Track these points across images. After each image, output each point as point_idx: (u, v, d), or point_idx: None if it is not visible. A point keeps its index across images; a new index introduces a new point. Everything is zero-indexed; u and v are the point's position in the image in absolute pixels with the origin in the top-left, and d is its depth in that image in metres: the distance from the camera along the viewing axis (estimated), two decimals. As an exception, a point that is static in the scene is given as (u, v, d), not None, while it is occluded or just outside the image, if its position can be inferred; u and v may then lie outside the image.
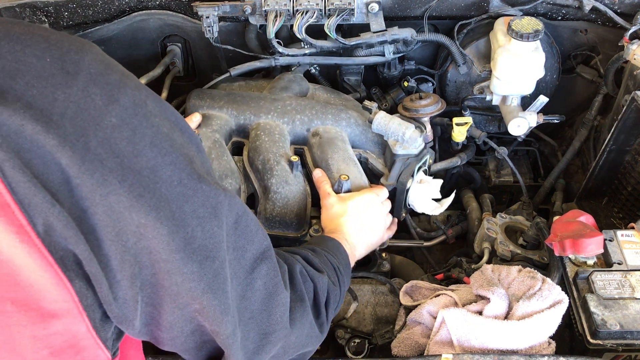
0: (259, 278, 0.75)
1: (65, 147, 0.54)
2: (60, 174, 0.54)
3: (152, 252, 0.60)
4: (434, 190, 1.29)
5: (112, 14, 1.48)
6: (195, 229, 0.63)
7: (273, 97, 1.39)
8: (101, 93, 0.58)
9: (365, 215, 1.15)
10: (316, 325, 0.88)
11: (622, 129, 1.22)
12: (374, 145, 1.35)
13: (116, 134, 0.58)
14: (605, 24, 1.43)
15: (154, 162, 0.60)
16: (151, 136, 0.61)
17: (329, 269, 0.95)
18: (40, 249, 0.54)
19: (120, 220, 0.58)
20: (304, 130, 1.33)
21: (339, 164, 1.24)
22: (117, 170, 0.57)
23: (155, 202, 0.60)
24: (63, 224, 0.54)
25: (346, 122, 1.34)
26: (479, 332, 0.98)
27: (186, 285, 0.63)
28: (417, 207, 1.30)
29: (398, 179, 1.26)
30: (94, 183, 0.56)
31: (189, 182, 0.63)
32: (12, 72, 0.54)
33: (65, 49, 0.58)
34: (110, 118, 0.58)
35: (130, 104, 0.60)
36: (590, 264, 1.07)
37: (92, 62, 0.59)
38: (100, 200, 0.56)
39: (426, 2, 1.45)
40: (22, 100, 0.53)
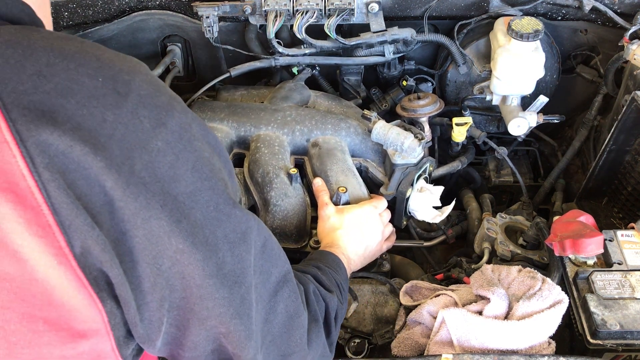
0: (281, 301, 0.76)
1: (112, 170, 0.55)
2: (104, 196, 0.55)
3: (185, 277, 0.61)
4: (434, 199, 1.29)
5: (112, 14, 1.48)
6: (226, 253, 0.64)
7: (273, 107, 1.39)
8: (149, 116, 0.58)
9: (362, 229, 1.16)
10: (327, 344, 0.89)
11: (622, 129, 1.22)
12: (374, 153, 1.35)
13: (160, 157, 0.58)
14: (605, 24, 1.43)
15: (193, 187, 0.61)
16: (194, 161, 0.61)
17: (335, 287, 0.96)
18: (76, 271, 0.55)
19: (159, 244, 0.58)
20: (304, 141, 1.33)
21: (338, 175, 1.24)
22: (159, 194, 0.58)
23: (192, 228, 0.60)
24: (101, 248, 0.55)
25: (346, 132, 1.34)
26: (479, 332, 0.98)
27: (216, 310, 0.64)
28: (418, 215, 1.30)
29: (397, 189, 1.26)
30: (137, 206, 0.56)
31: (225, 208, 0.64)
32: (65, 90, 0.54)
33: (117, 69, 0.58)
34: (157, 142, 0.58)
35: (176, 128, 0.60)
36: (590, 264, 1.07)
37: (142, 84, 0.59)
38: (142, 224, 0.57)
39: (426, 2, 1.45)
40: (72, 121, 0.54)
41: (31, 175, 0.52)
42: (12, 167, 0.51)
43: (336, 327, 0.92)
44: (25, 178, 0.52)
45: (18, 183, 0.52)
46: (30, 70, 0.54)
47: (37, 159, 0.52)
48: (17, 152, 0.51)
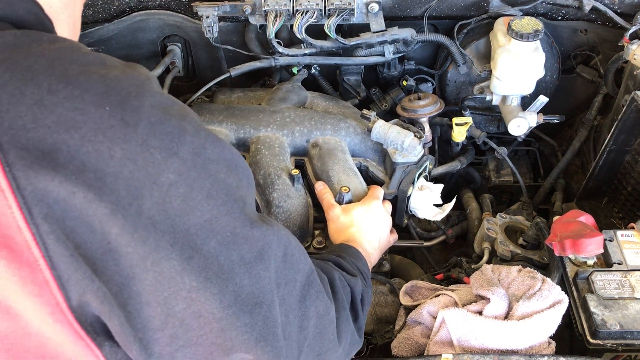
0: (311, 304, 0.73)
1: (117, 216, 0.51)
2: (107, 243, 0.51)
3: (202, 315, 0.58)
4: (435, 196, 1.29)
5: (112, 14, 1.48)
6: (243, 277, 0.61)
7: (272, 109, 1.39)
8: (160, 146, 0.54)
9: (373, 222, 1.15)
10: (355, 330, 0.87)
11: (622, 129, 1.22)
12: (374, 153, 1.35)
13: (172, 191, 0.54)
14: (605, 24, 1.43)
15: (209, 216, 0.57)
16: (208, 188, 0.57)
17: (358, 272, 0.94)
18: (72, 324, 0.52)
19: (171, 286, 0.55)
20: (304, 142, 1.33)
21: (340, 175, 1.25)
22: (169, 232, 0.54)
23: (204, 261, 0.57)
24: (99, 300, 0.52)
25: (345, 132, 1.34)
26: (479, 332, 0.98)
27: (240, 338, 0.61)
28: (419, 213, 1.30)
29: (399, 187, 1.26)
30: (146, 250, 0.53)
31: (242, 231, 0.61)
32: (68, 123, 0.50)
33: (124, 92, 0.53)
34: (168, 174, 0.54)
35: (189, 155, 0.56)
36: (590, 264, 1.07)
37: (152, 109, 0.55)
38: (152, 267, 0.54)
39: (426, 2, 1.45)
40: (75, 161, 0.49)
41: (28, 228, 0.48)
42: (8, 219, 0.48)
43: (363, 312, 0.90)
44: (22, 231, 0.48)
45: (13, 237, 0.48)
46: (30, 99, 0.49)
47: (35, 210, 0.48)
48: (14, 202, 0.47)
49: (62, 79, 0.51)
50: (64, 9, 0.65)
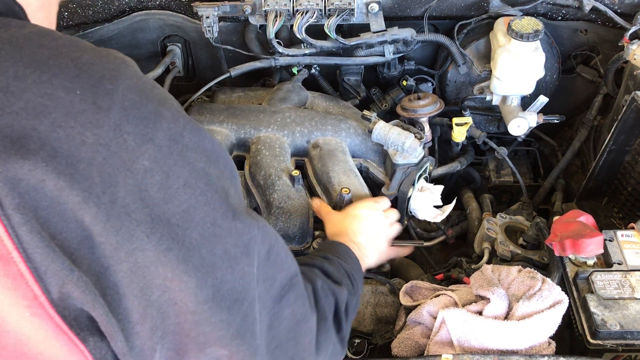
0: (287, 306, 0.71)
1: (90, 204, 0.49)
2: (82, 231, 0.50)
3: (177, 303, 0.56)
4: (435, 198, 1.29)
5: (112, 14, 1.48)
6: (225, 272, 0.59)
7: (272, 109, 1.39)
8: (134, 132, 0.52)
9: (368, 219, 1.15)
10: (338, 341, 0.85)
11: (622, 129, 1.22)
12: (375, 154, 1.35)
13: (147, 179, 0.52)
14: (605, 24, 1.43)
15: (186, 205, 0.55)
16: (186, 176, 0.55)
17: (344, 278, 0.92)
18: (54, 318, 0.50)
19: (145, 276, 0.53)
20: (304, 142, 1.33)
21: (340, 176, 1.25)
22: (145, 222, 0.52)
23: (185, 252, 0.55)
24: (81, 290, 0.50)
25: (346, 132, 1.34)
26: (479, 333, 0.98)
27: (214, 334, 0.59)
28: (419, 215, 1.30)
29: (399, 188, 1.26)
30: (119, 240, 0.51)
31: (223, 222, 0.59)
32: (37, 109, 0.48)
33: (97, 75, 0.52)
34: (143, 161, 0.52)
35: (165, 142, 0.54)
36: (590, 264, 1.07)
37: (127, 92, 0.53)
38: (126, 258, 0.52)
39: (426, 2, 1.45)
40: (46, 147, 0.48)
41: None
42: None
43: (347, 321, 0.88)
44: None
45: None
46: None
47: (6, 200, 0.46)
48: None
49: (30, 64, 0.49)
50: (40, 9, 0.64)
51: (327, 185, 1.25)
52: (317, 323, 0.79)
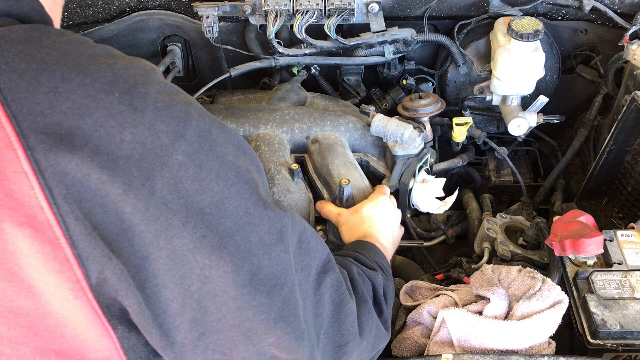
0: (326, 292, 0.74)
1: (130, 195, 0.53)
2: (121, 223, 0.53)
3: (217, 294, 0.59)
4: (437, 189, 1.29)
5: (112, 14, 1.48)
6: (262, 257, 0.62)
7: (271, 107, 1.40)
8: (167, 129, 0.56)
9: (383, 217, 1.15)
10: (381, 323, 0.87)
11: (622, 129, 1.22)
12: (374, 148, 1.35)
13: (182, 172, 0.56)
14: (605, 24, 1.43)
15: (220, 196, 0.59)
16: (217, 169, 0.59)
17: (377, 267, 0.94)
18: (91, 302, 0.53)
19: (184, 264, 0.57)
20: (304, 138, 1.34)
21: (340, 168, 1.25)
22: (181, 211, 0.56)
23: (219, 239, 0.58)
24: (117, 277, 0.53)
25: (345, 127, 1.34)
26: (479, 332, 0.98)
27: (257, 317, 0.62)
28: (421, 207, 1.30)
29: (400, 180, 1.26)
30: (158, 228, 0.55)
31: (255, 211, 0.62)
32: (82, 109, 0.52)
33: (132, 80, 0.56)
34: (177, 156, 0.56)
35: (195, 138, 0.58)
36: (590, 264, 1.07)
37: (158, 95, 0.57)
38: (165, 245, 0.55)
39: (426, 2, 1.45)
40: (90, 144, 0.52)
41: (50, 208, 0.50)
42: (31, 200, 0.50)
43: (387, 305, 0.90)
44: (44, 211, 0.50)
45: (37, 216, 0.50)
46: (46, 87, 0.52)
47: (56, 190, 0.50)
48: (36, 184, 0.50)
49: (74, 69, 0.54)
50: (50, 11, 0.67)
51: (327, 178, 1.25)
52: (358, 306, 0.80)
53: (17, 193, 0.50)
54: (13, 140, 0.49)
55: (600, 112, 1.51)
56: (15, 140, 0.49)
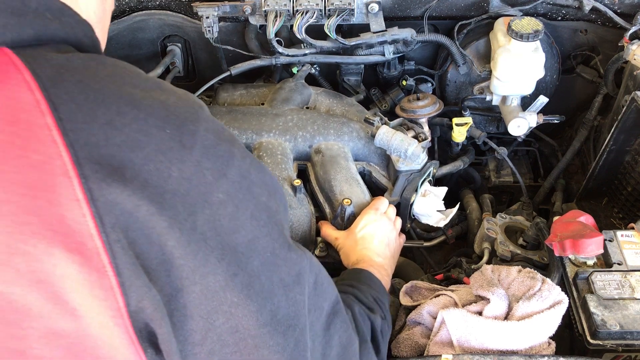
0: (335, 333, 0.76)
1: (174, 229, 0.55)
2: (162, 255, 0.55)
3: (239, 330, 0.61)
4: (438, 202, 1.28)
5: (112, 14, 1.47)
6: (281, 298, 0.64)
7: (274, 112, 1.38)
8: (212, 167, 0.58)
9: (376, 234, 1.16)
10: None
11: (622, 129, 1.22)
12: (378, 157, 1.34)
13: (221, 210, 0.58)
14: (605, 24, 1.43)
15: (252, 236, 0.61)
16: (252, 209, 0.62)
17: (374, 304, 0.95)
18: (128, 328, 0.55)
19: (214, 300, 0.58)
20: (307, 147, 1.33)
21: (342, 185, 1.24)
22: (217, 248, 0.58)
23: (248, 278, 0.60)
24: (154, 307, 0.55)
25: (348, 136, 1.33)
26: (479, 333, 0.98)
27: (272, 357, 0.64)
28: (422, 220, 1.30)
29: (402, 195, 1.26)
30: (196, 264, 0.56)
31: (280, 252, 0.64)
32: (134, 143, 0.54)
33: (182, 117, 0.58)
34: (218, 194, 0.58)
35: (237, 177, 0.61)
36: (590, 264, 1.07)
37: (206, 133, 0.59)
38: (200, 280, 0.57)
39: (426, 2, 1.45)
40: (139, 177, 0.53)
41: (99, 236, 0.52)
42: (82, 227, 0.51)
43: (384, 344, 0.92)
44: (93, 239, 0.51)
45: (86, 243, 0.51)
46: (102, 119, 0.53)
47: (106, 219, 0.52)
48: (88, 212, 0.51)
49: (129, 103, 0.56)
50: (98, 22, 0.69)
51: (329, 194, 1.24)
52: (360, 346, 0.82)
53: (70, 220, 0.51)
54: (69, 168, 0.51)
55: (600, 112, 1.51)
56: (72, 168, 0.51)
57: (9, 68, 0.53)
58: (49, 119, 0.52)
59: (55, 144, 0.51)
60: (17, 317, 0.52)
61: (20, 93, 0.52)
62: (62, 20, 0.60)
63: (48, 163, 0.51)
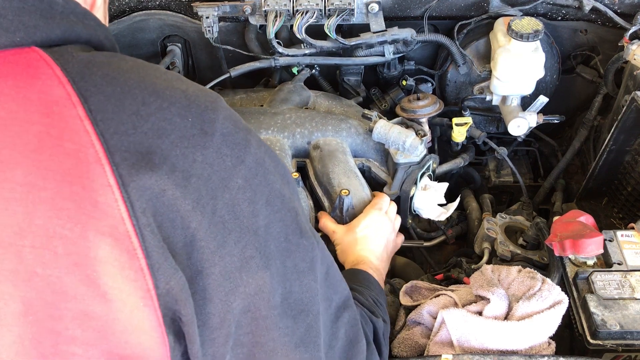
0: (342, 327, 0.77)
1: (197, 212, 0.57)
2: (184, 237, 0.57)
3: (250, 310, 0.63)
4: (439, 196, 1.28)
5: (112, 14, 1.48)
6: (294, 283, 0.67)
7: (273, 111, 1.39)
8: (231, 154, 0.61)
9: (376, 235, 1.16)
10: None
11: (622, 129, 1.22)
12: (376, 153, 1.34)
13: (240, 195, 0.61)
14: (605, 24, 1.43)
15: (267, 220, 0.63)
16: (267, 195, 0.64)
17: (375, 307, 0.96)
18: (156, 311, 0.56)
19: (231, 281, 0.60)
20: (305, 143, 1.33)
21: (340, 177, 1.24)
22: (235, 231, 0.60)
23: (264, 261, 0.63)
24: (180, 288, 0.57)
25: (347, 132, 1.33)
26: (479, 333, 0.98)
27: (281, 339, 0.66)
28: (423, 214, 1.30)
29: (401, 188, 1.26)
30: (215, 245, 0.59)
31: (293, 238, 0.67)
32: (160, 131, 0.57)
33: (202, 106, 0.61)
34: (237, 179, 0.61)
35: (253, 164, 0.63)
36: (590, 264, 1.07)
37: (225, 121, 0.61)
38: (219, 261, 0.59)
39: (426, 2, 1.45)
40: (167, 162, 0.56)
41: (130, 220, 0.54)
42: (114, 211, 0.53)
43: (386, 346, 0.93)
44: (125, 222, 0.54)
45: (117, 227, 0.54)
46: (129, 109, 0.56)
47: (136, 204, 0.54)
48: (119, 197, 0.53)
49: (153, 93, 0.58)
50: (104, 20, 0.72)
51: (327, 187, 1.25)
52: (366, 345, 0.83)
53: (102, 204, 0.53)
54: (101, 156, 0.54)
55: (600, 112, 1.51)
56: (103, 156, 0.54)
57: (40, 64, 0.56)
58: (80, 111, 0.54)
59: (87, 134, 0.54)
60: (55, 299, 0.54)
61: (52, 87, 0.55)
62: (85, 22, 0.63)
63: (81, 151, 0.54)
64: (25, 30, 0.57)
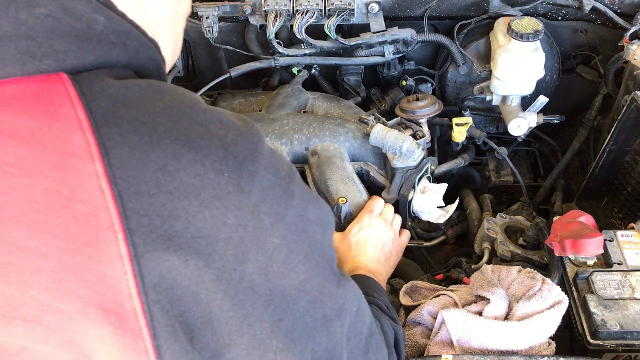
0: (372, 356, 0.75)
1: (222, 281, 0.52)
2: (209, 312, 0.52)
3: None
4: (438, 198, 1.28)
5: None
6: (322, 334, 0.62)
7: (270, 117, 1.39)
8: (270, 212, 0.55)
9: (370, 238, 1.15)
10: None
11: (622, 129, 1.22)
12: (375, 156, 1.34)
13: (275, 256, 0.55)
14: (605, 24, 1.43)
15: (303, 277, 0.58)
16: (306, 250, 0.59)
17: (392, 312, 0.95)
18: None
19: (261, 348, 0.56)
20: (303, 149, 1.33)
21: (338, 184, 1.24)
22: (265, 295, 0.55)
23: (293, 322, 0.58)
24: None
25: (344, 137, 1.33)
26: (479, 333, 0.98)
27: None
28: (423, 216, 1.30)
29: (399, 192, 1.26)
30: (244, 313, 0.54)
31: (329, 290, 0.62)
32: (189, 189, 0.50)
33: (241, 156, 0.53)
34: (274, 239, 0.55)
35: (294, 219, 0.57)
36: (590, 264, 1.07)
37: (265, 173, 0.55)
38: (247, 330, 0.54)
39: (426, 2, 1.45)
40: (191, 227, 0.50)
41: (138, 296, 0.49)
42: (121, 286, 0.48)
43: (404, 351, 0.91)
44: (132, 298, 0.48)
45: (124, 303, 0.48)
46: (156, 164, 0.50)
47: (147, 278, 0.49)
48: (129, 269, 0.48)
49: (185, 143, 0.51)
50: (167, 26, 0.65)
51: (325, 194, 1.24)
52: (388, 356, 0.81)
53: (109, 277, 0.48)
54: (115, 222, 0.48)
55: (600, 112, 1.51)
56: (118, 222, 0.48)
57: (62, 101, 0.50)
58: (98, 166, 0.48)
59: (102, 194, 0.48)
60: None
61: (71, 133, 0.49)
62: (127, 44, 0.56)
63: (93, 215, 0.48)
64: (55, 57, 0.51)
